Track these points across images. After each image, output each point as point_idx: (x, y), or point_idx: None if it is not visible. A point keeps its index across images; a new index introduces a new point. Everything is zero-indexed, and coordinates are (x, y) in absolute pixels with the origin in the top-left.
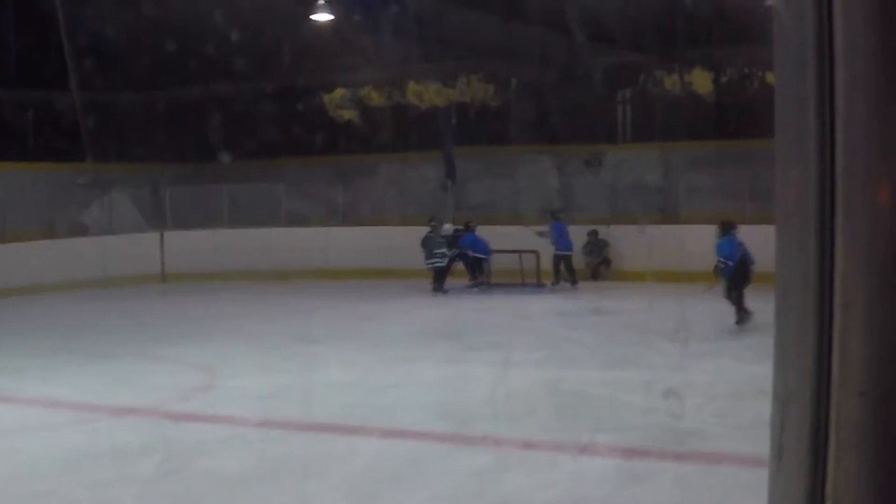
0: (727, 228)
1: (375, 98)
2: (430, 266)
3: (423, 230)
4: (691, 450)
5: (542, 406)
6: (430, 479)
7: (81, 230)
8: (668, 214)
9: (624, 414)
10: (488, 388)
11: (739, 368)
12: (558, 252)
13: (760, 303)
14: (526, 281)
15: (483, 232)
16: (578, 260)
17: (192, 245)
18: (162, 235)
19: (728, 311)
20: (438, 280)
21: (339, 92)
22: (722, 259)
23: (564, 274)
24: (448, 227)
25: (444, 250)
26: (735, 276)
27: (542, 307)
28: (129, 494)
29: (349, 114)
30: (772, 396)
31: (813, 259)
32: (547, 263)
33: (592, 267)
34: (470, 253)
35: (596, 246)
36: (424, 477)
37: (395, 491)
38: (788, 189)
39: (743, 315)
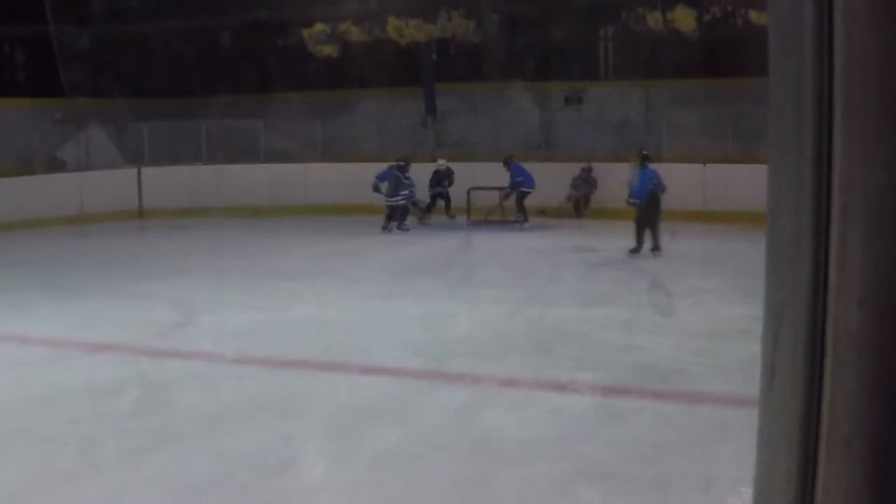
0: (643, 161)
1: (355, 33)
2: (392, 203)
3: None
4: (671, 388)
5: (521, 344)
6: (409, 417)
7: (58, 166)
8: (650, 153)
9: (604, 352)
10: (467, 326)
11: (721, 308)
12: (525, 189)
13: (742, 242)
14: (507, 218)
15: (461, 169)
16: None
17: (169, 181)
18: (139, 171)
19: (711, 250)
20: (395, 218)
21: (319, 27)
22: (631, 200)
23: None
24: (442, 163)
25: (407, 191)
26: (646, 208)
27: (523, 245)
28: (105, 431)
29: (329, 49)
30: (763, 310)
31: (809, 159)
32: (527, 201)
33: (574, 200)
34: (522, 188)
35: (585, 182)
36: (403, 414)
37: (374, 428)
38: (784, 83)
39: (654, 245)
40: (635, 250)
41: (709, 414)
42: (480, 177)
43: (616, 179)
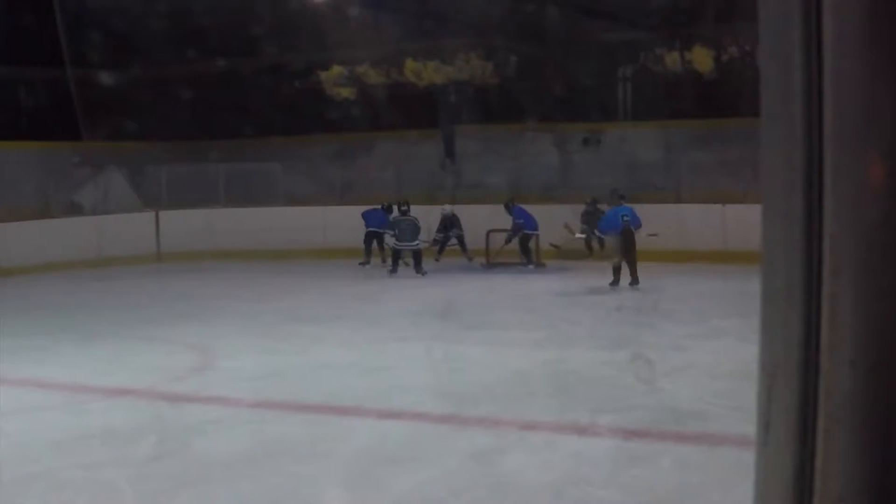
0: (617, 199)
1: (373, 76)
2: (410, 248)
3: (418, 209)
4: (692, 431)
5: (540, 387)
6: (428, 461)
7: (76, 209)
8: (668, 192)
9: (624, 395)
10: (486, 369)
11: (742, 348)
12: (528, 232)
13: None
14: (522, 260)
15: (481, 211)
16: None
17: (187, 224)
18: (157, 215)
19: (731, 290)
20: (417, 262)
21: (337, 69)
22: (599, 234)
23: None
24: (448, 209)
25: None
26: (621, 245)
27: (541, 287)
28: (123, 476)
29: (346, 91)
30: (758, 367)
31: (800, 222)
32: (546, 243)
33: (586, 237)
34: (525, 231)
35: (593, 216)
36: (421, 458)
37: (392, 473)
38: (774, 146)
39: (633, 280)
40: (614, 283)
41: (730, 456)
42: (498, 219)
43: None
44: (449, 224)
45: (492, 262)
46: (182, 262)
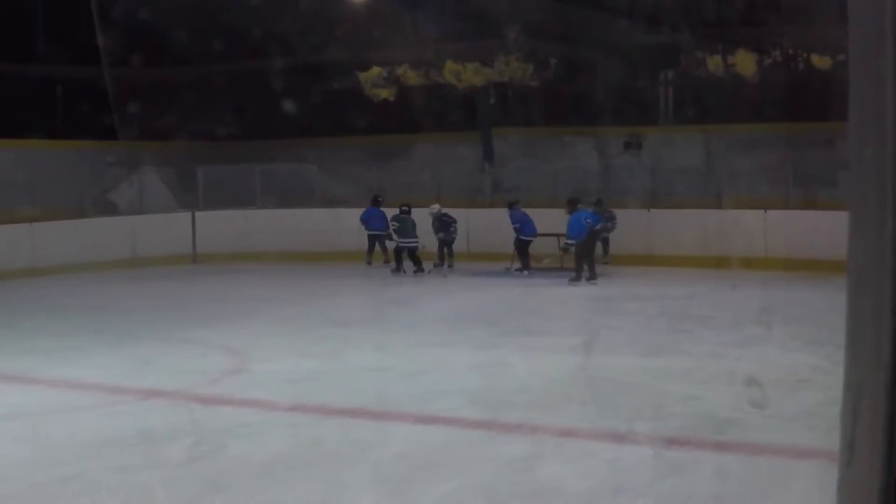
0: (573, 206)
1: (412, 77)
2: (406, 244)
3: (459, 211)
4: (731, 440)
5: (578, 393)
6: (464, 467)
7: (111, 209)
8: (709, 197)
9: (663, 402)
10: (523, 375)
11: (781, 357)
12: (523, 238)
13: (803, 290)
14: (565, 266)
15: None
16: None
17: (223, 225)
18: (193, 215)
19: (772, 298)
20: (401, 260)
21: (376, 70)
22: (569, 240)
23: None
24: (435, 208)
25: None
26: (584, 245)
27: (579, 292)
28: (156, 479)
29: (385, 93)
30: (843, 386)
31: (890, 241)
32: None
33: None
34: (520, 237)
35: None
36: (458, 465)
37: (428, 479)
38: (864, 167)
39: (590, 275)
40: (574, 280)
41: (769, 466)
42: (537, 223)
43: (671, 225)
44: (438, 225)
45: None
46: (217, 263)
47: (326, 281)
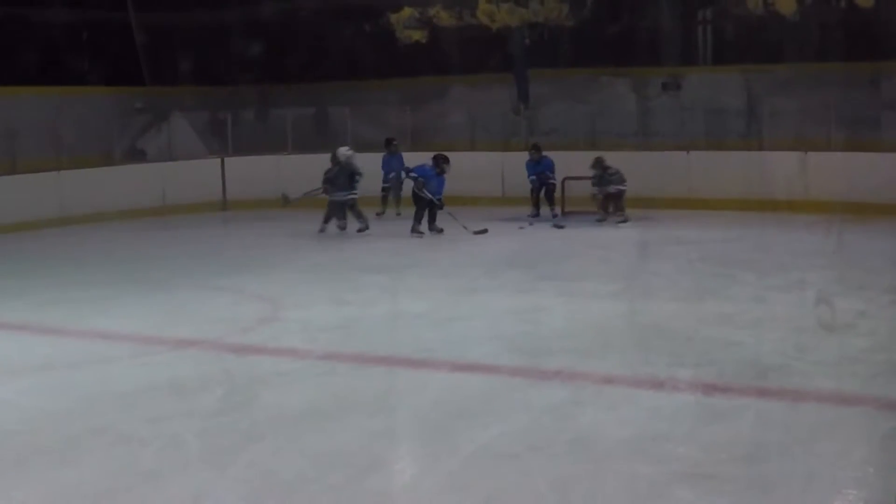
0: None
1: (445, 18)
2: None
3: (494, 155)
4: (774, 386)
5: (618, 339)
6: (503, 415)
7: (139, 156)
8: (750, 139)
9: (704, 348)
10: (562, 321)
11: (825, 301)
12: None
13: (847, 233)
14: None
15: (555, 158)
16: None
17: (254, 171)
18: (223, 161)
19: (814, 241)
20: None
21: (407, 11)
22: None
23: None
24: (345, 150)
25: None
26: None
27: (618, 236)
28: (189, 430)
29: (417, 34)
30: None
31: None
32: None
33: (598, 202)
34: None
35: (602, 179)
36: (496, 412)
37: (466, 427)
38: None
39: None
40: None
41: (812, 412)
42: (575, 166)
43: (712, 168)
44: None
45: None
46: (248, 209)
47: (359, 226)
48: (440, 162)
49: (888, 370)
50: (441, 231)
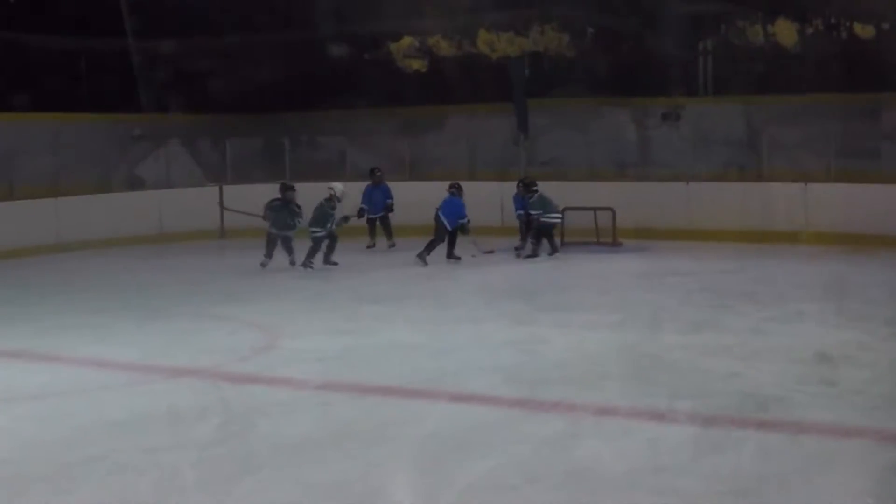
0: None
1: (444, 47)
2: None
3: (493, 185)
4: (774, 418)
5: (617, 371)
6: (500, 447)
7: (137, 183)
8: (750, 170)
9: (703, 379)
10: (560, 352)
11: (824, 333)
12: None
13: (846, 264)
14: (601, 240)
15: (554, 188)
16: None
17: (252, 199)
18: (221, 189)
19: (813, 272)
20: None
21: (407, 41)
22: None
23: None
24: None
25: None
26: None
27: (617, 267)
28: (185, 460)
29: (417, 63)
30: None
31: None
32: (622, 221)
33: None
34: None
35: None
36: (494, 444)
37: (463, 458)
38: None
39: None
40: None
41: (813, 444)
42: (573, 196)
43: (711, 198)
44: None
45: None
46: (246, 238)
47: (358, 256)
48: (460, 188)
49: (888, 402)
50: (459, 259)
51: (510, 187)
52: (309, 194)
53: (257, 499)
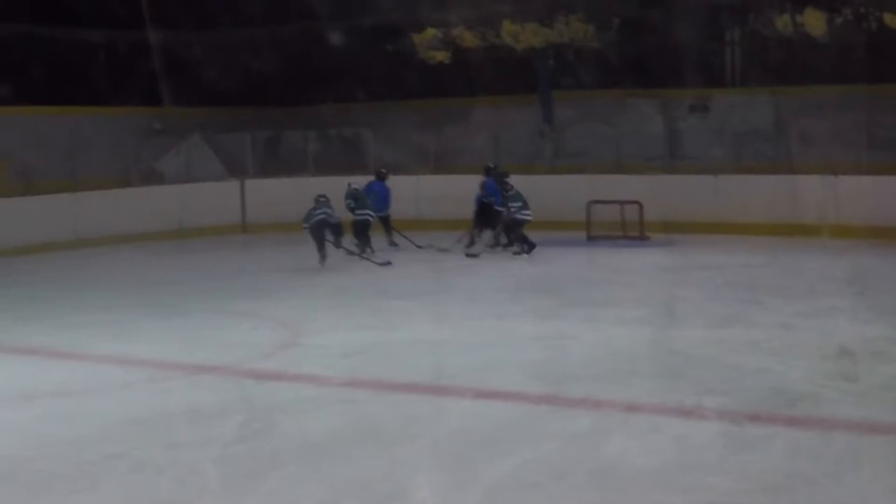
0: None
1: (468, 39)
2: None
3: (519, 178)
4: (803, 414)
5: (644, 366)
6: (526, 444)
7: (157, 178)
8: (779, 162)
9: (732, 375)
10: (587, 348)
11: (854, 328)
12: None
13: (877, 258)
14: (628, 234)
15: (580, 181)
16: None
17: (274, 194)
18: (243, 184)
19: (843, 266)
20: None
21: (430, 32)
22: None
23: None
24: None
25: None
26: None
27: (644, 262)
28: (207, 457)
29: (441, 55)
30: None
31: None
32: (650, 215)
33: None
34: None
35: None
36: (520, 441)
37: (488, 456)
38: None
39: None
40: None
41: (843, 441)
42: (600, 189)
43: (739, 191)
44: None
45: (593, 236)
46: (268, 233)
47: (381, 251)
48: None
49: None
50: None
51: (536, 180)
52: (329, 186)
53: (280, 497)
